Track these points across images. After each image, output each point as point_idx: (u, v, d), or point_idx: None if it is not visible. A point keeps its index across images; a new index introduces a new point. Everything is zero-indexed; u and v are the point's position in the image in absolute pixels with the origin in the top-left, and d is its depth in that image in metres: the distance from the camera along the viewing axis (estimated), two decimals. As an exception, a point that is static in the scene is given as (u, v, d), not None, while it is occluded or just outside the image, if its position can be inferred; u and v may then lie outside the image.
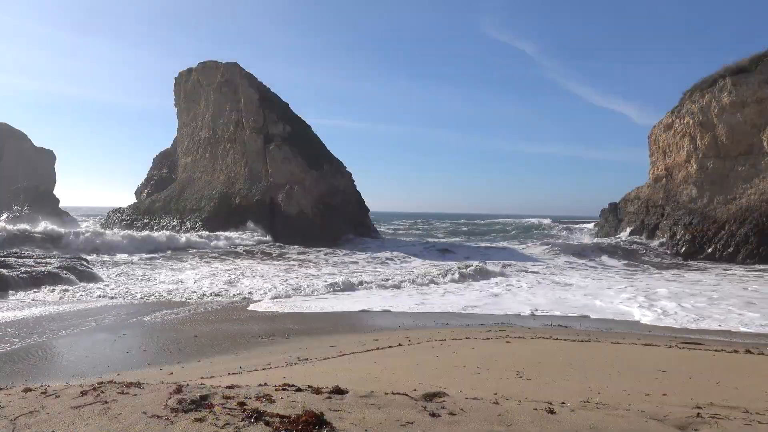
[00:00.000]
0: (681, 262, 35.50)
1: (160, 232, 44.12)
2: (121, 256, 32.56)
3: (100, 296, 19.44)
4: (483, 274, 25.98)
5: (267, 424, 3.19)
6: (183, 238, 41.41)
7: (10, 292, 19.38)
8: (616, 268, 31.96)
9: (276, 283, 22.90)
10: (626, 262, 35.02)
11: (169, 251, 36.24)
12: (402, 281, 23.81)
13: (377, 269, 29.31)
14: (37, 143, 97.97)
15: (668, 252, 38.67)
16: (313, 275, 25.78)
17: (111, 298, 19.22)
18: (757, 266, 31.77)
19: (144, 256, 33.21)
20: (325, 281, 22.99)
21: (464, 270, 26.13)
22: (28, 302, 17.71)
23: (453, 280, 24.37)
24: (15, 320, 14.50)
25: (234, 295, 20.39)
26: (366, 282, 23.44)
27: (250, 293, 20.63)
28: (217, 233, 43.93)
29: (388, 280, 24.11)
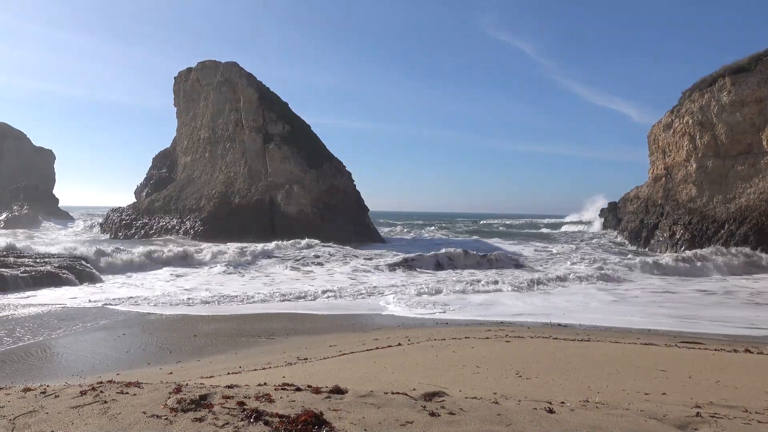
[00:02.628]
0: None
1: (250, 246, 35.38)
2: (120, 258, 32.37)
3: (99, 296, 19.41)
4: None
5: (266, 423, 3.19)
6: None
7: (10, 292, 19.36)
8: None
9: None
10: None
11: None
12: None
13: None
14: (36, 143, 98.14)
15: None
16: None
17: (111, 298, 19.20)
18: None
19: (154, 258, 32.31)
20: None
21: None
22: (27, 302, 17.69)
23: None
24: (14, 320, 14.49)
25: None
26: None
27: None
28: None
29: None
